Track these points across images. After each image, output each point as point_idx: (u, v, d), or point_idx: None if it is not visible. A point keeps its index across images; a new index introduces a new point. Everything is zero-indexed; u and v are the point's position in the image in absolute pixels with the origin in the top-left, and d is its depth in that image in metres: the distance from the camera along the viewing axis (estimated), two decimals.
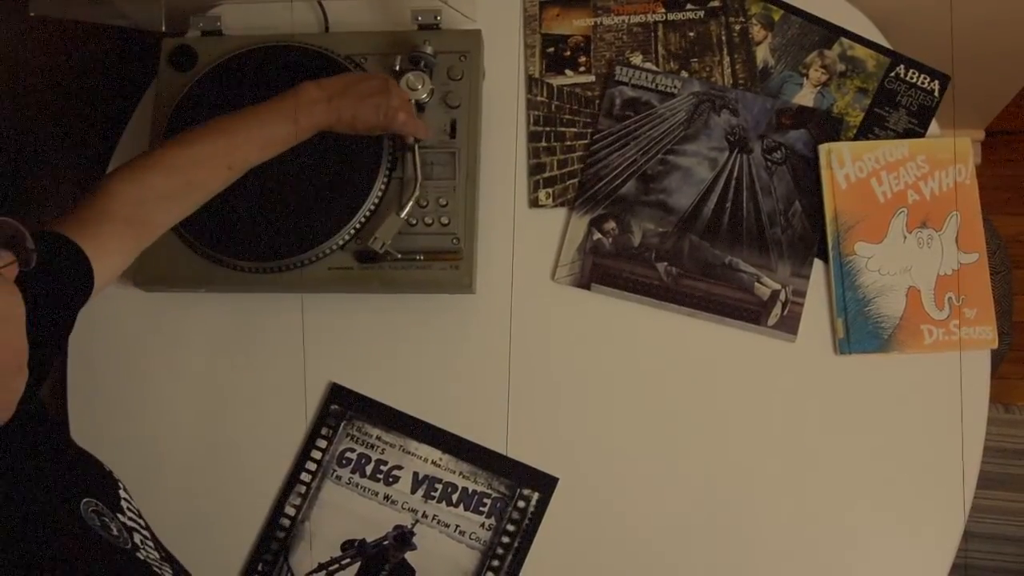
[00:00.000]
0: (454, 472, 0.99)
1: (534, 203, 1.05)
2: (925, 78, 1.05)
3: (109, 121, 1.15)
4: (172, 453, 1.03)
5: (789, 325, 1.00)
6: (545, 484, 0.98)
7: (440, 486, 0.99)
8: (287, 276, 1.00)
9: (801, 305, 1.01)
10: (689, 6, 1.09)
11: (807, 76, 1.06)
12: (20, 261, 0.56)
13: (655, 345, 1.01)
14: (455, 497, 0.99)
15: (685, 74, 1.07)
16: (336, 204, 0.99)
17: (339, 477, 1.00)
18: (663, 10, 1.09)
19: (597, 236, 1.03)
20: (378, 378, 1.02)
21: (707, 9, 1.08)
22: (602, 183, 1.05)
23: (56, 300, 0.73)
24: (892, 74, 1.06)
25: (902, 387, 0.99)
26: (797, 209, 1.03)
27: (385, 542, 0.98)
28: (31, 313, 0.56)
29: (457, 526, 0.98)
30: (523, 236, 1.04)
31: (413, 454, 1.00)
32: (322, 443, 1.01)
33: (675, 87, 1.07)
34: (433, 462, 1.00)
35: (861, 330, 0.99)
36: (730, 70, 1.07)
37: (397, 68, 1.00)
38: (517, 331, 1.02)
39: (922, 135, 1.05)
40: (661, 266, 1.02)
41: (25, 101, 1.14)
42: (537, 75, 1.09)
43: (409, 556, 0.98)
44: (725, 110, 1.06)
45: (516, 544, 0.97)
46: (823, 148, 1.03)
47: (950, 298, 0.99)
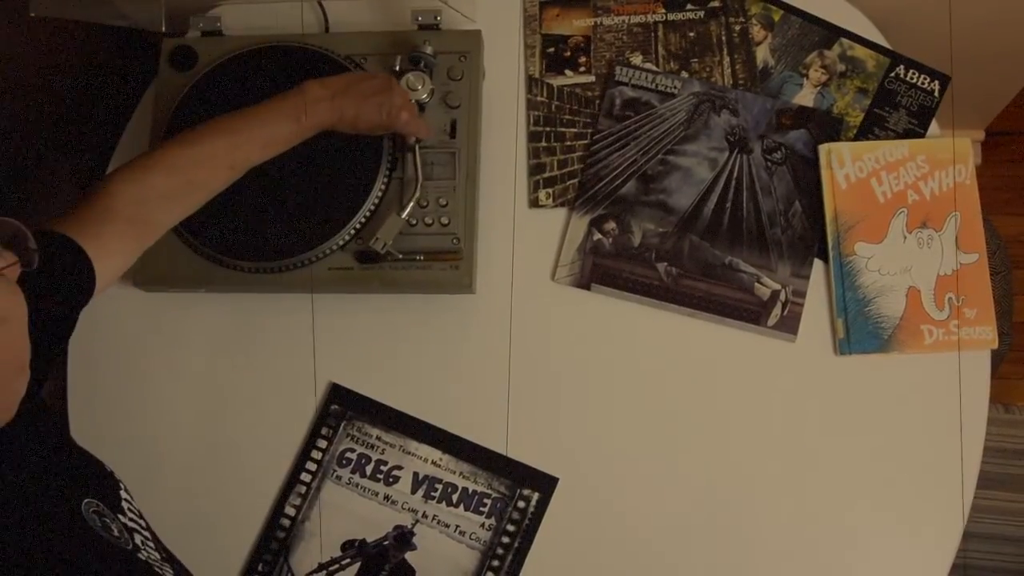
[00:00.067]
0: (454, 472, 0.99)
1: (534, 203, 1.05)
2: (925, 78, 1.05)
3: (109, 121, 1.15)
4: (172, 453, 1.03)
5: (789, 325, 1.00)
6: (545, 484, 0.98)
7: (440, 486, 0.99)
8: (287, 276, 1.00)
9: (801, 305, 1.01)
10: (689, 6, 1.09)
11: (807, 76, 1.06)
12: (22, 261, 0.55)
13: (655, 345, 1.01)
14: (455, 497, 0.99)
15: (685, 74, 1.07)
16: (336, 204, 0.99)
17: (339, 477, 1.00)
18: (663, 10, 1.09)
19: (597, 236, 1.04)
20: (378, 378, 1.02)
21: (707, 9, 1.09)
22: (602, 183, 1.05)
23: (58, 300, 0.73)
24: (892, 74, 1.06)
25: (902, 387, 0.99)
26: (797, 209, 1.03)
27: (385, 542, 0.98)
28: (33, 313, 0.56)
29: (457, 526, 0.98)
30: (523, 236, 1.04)
31: (413, 454, 1.00)
32: (322, 443, 1.01)
33: (675, 87, 1.07)
34: (433, 462, 1.00)
35: (861, 330, 0.99)
36: (730, 70, 1.07)
37: (397, 68, 1.00)
38: (517, 331, 1.02)
39: (922, 135, 1.05)
40: (661, 266, 1.02)
41: (25, 101, 1.14)
42: (537, 75, 1.09)
43: (409, 556, 0.98)
44: (725, 110, 1.06)
45: (516, 544, 0.97)
46: (823, 148, 1.03)
47: (950, 298, 0.99)
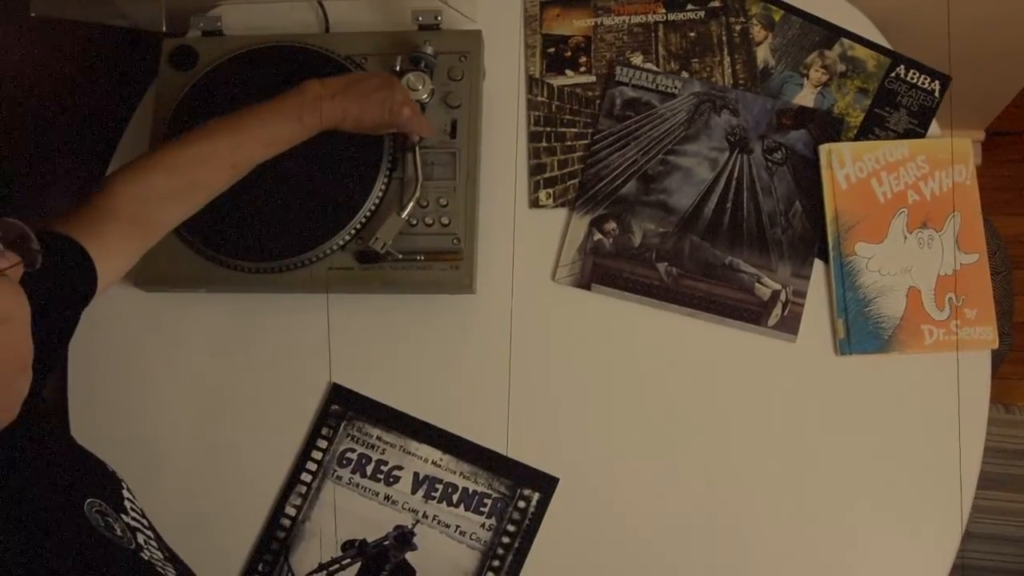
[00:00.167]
0: (454, 472, 0.99)
1: (534, 203, 1.05)
2: (925, 78, 1.05)
3: (109, 121, 1.15)
4: (172, 453, 1.03)
5: (789, 325, 1.00)
6: (545, 484, 0.98)
7: (440, 486, 0.99)
8: (288, 276, 1.00)
9: (801, 305, 1.01)
10: (689, 6, 1.09)
11: (807, 76, 1.06)
12: (25, 262, 0.55)
13: (655, 345, 1.01)
14: (455, 497, 0.99)
15: (685, 74, 1.07)
16: (337, 204, 0.99)
17: (340, 477, 1.00)
18: (663, 10, 1.09)
19: (597, 236, 1.03)
20: (378, 378, 1.02)
21: (707, 9, 1.08)
22: (602, 183, 1.05)
23: (60, 301, 0.73)
24: (892, 74, 1.06)
25: (902, 387, 0.99)
26: (797, 209, 1.03)
27: (386, 542, 0.98)
28: (35, 314, 0.56)
29: (457, 526, 0.98)
30: (523, 236, 1.04)
31: (413, 454, 1.00)
32: (322, 443, 1.01)
33: (675, 87, 1.07)
34: (433, 462, 1.00)
35: (861, 330, 0.99)
36: (730, 70, 1.07)
37: (398, 68, 1.00)
38: (517, 331, 1.02)
39: (922, 135, 1.05)
40: (661, 266, 1.02)
41: (25, 101, 1.14)
42: (537, 75, 1.09)
43: (409, 556, 0.98)
44: (725, 110, 1.06)
45: (516, 544, 0.97)
46: (823, 148, 1.03)
47: (950, 298, 0.99)
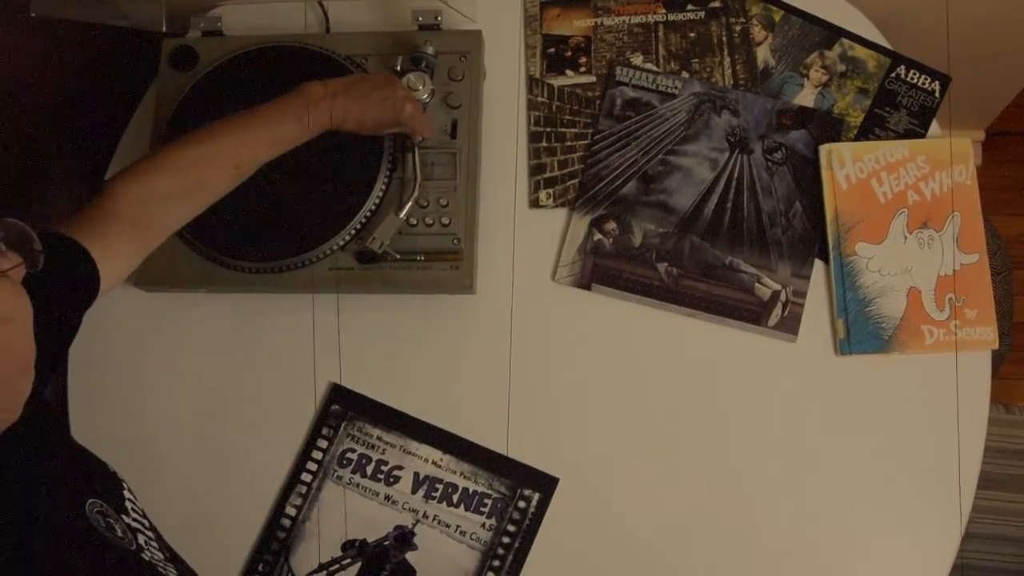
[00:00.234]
0: (455, 472, 0.99)
1: (535, 203, 1.05)
2: (926, 79, 1.05)
3: (110, 121, 1.15)
4: (172, 453, 1.03)
5: (790, 326, 1.00)
6: (545, 484, 0.98)
7: (441, 486, 0.99)
8: (288, 276, 1.00)
9: (802, 306, 1.01)
10: (690, 7, 1.09)
11: (808, 77, 1.06)
12: (27, 263, 0.55)
13: (655, 345, 1.01)
14: (456, 497, 0.99)
15: (686, 75, 1.07)
16: (337, 204, 0.99)
17: (340, 477, 1.00)
18: (664, 11, 1.09)
19: (598, 236, 1.03)
20: (379, 378, 1.02)
21: (708, 10, 1.08)
22: (603, 183, 1.05)
23: (62, 302, 0.73)
24: (893, 75, 1.06)
25: (903, 387, 0.99)
26: (798, 209, 1.03)
27: (386, 542, 0.98)
28: (37, 315, 0.56)
29: (458, 526, 0.98)
30: (523, 236, 1.04)
31: (414, 454, 1.00)
32: (323, 443, 1.01)
33: (676, 88, 1.07)
34: (434, 462, 1.00)
35: (862, 330, 0.99)
36: (731, 71, 1.07)
37: (398, 68, 1.00)
38: (517, 331, 1.02)
39: (923, 136, 1.05)
40: (662, 266, 1.02)
41: (25, 101, 1.14)
42: (538, 75, 1.09)
43: (410, 556, 0.98)
44: (726, 111, 1.06)
45: (517, 544, 0.97)
46: (824, 148, 1.03)
47: (951, 299, 0.99)
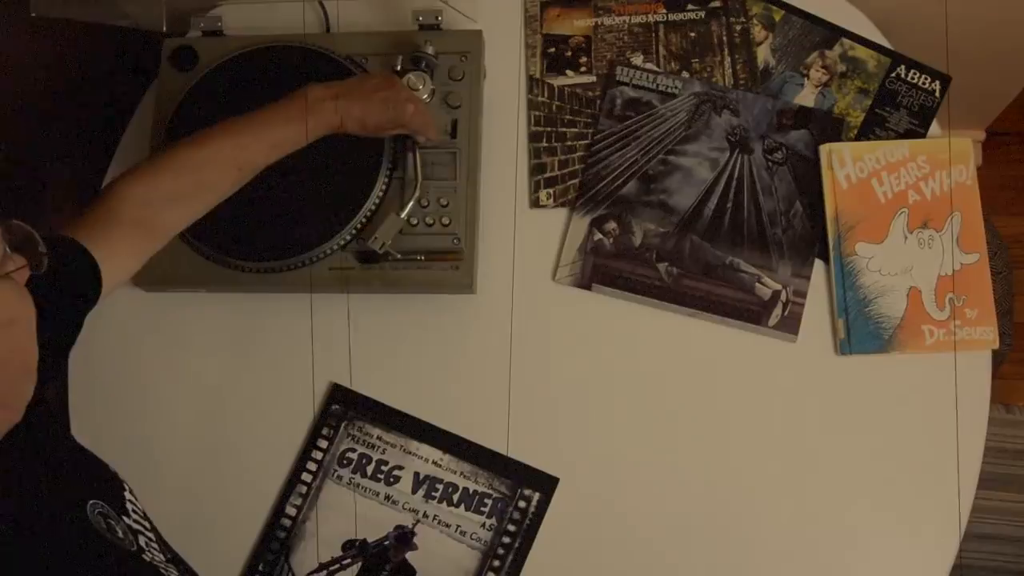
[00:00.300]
0: (455, 472, 0.99)
1: (535, 203, 1.05)
2: (926, 79, 1.05)
3: (110, 121, 1.15)
4: (172, 453, 1.03)
5: (790, 325, 1.00)
6: (546, 484, 0.98)
7: (441, 486, 0.99)
8: (288, 276, 1.00)
9: (802, 305, 1.01)
10: (690, 6, 1.09)
11: (808, 76, 1.06)
12: (31, 265, 0.55)
13: (656, 345, 1.01)
14: (456, 497, 0.99)
15: (686, 74, 1.07)
16: (337, 204, 0.99)
17: (340, 477, 1.00)
18: (664, 10, 1.09)
19: (598, 236, 1.03)
20: (379, 378, 1.02)
21: (708, 9, 1.08)
22: (603, 183, 1.05)
23: (65, 304, 0.73)
24: (893, 74, 1.06)
25: (903, 387, 0.99)
26: (798, 209, 1.03)
27: (386, 542, 0.98)
28: (39, 316, 0.56)
29: (458, 526, 0.98)
30: (524, 236, 1.04)
31: (414, 454, 1.00)
32: (323, 443, 1.01)
33: (676, 87, 1.07)
34: (434, 462, 1.00)
35: (862, 330, 0.99)
36: (731, 70, 1.07)
37: (398, 68, 1.00)
38: (518, 331, 1.02)
39: (923, 135, 1.05)
40: (662, 266, 1.02)
41: (25, 101, 1.14)
42: (538, 75, 1.09)
43: (410, 556, 0.98)
44: (726, 110, 1.06)
45: (517, 544, 0.97)
46: (824, 148, 1.03)
47: (951, 299, 0.99)
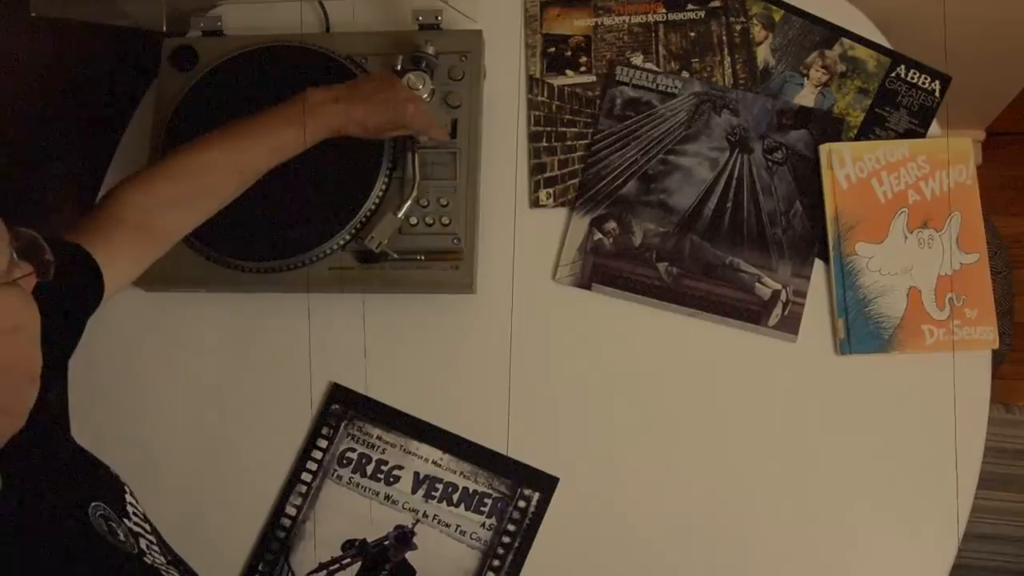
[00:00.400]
0: (455, 472, 0.99)
1: (535, 203, 1.05)
2: (926, 78, 1.05)
3: (110, 121, 1.15)
4: (172, 453, 1.03)
5: (790, 325, 1.00)
6: (546, 484, 0.98)
7: (441, 486, 0.99)
8: (288, 276, 1.00)
9: (802, 305, 1.01)
10: (690, 6, 1.09)
11: (808, 76, 1.06)
12: (38, 272, 0.55)
13: (656, 345, 1.01)
14: (456, 497, 0.99)
15: (686, 74, 1.07)
16: (337, 204, 0.99)
17: (340, 477, 1.00)
18: (664, 10, 1.09)
19: (598, 236, 1.03)
20: (379, 378, 1.02)
21: (708, 9, 1.08)
22: (603, 183, 1.05)
23: (68, 309, 0.73)
24: (893, 74, 1.06)
25: (903, 387, 0.99)
26: (798, 209, 1.03)
27: (386, 542, 0.98)
28: (44, 322, 0.56)
29: (458, 526, 0.98)
30: (524, 236, 1.04)
31: (414, 454, 1.00)
32: (323, 443, 1.01)
33: (676, 87, 1.07)
34: (434, 462, 1.00)
35: (862, 330, 0.99)
36: (731, 70, 1.07)
37: (398, 68, 1.00)
38: (518, 331, 1.02)
39: (923, 135, 1.05)
40: (662, 266, 1.02)
41: (25, 101, 1.14)
42: (538, 75, 1.09)
43: (410, 556, 0.98)
44: (726, 110, 1.05)
45: (517, 544, 0.97)
46: (824, 148, 1.03)
47: (951, 298, 0.99)
